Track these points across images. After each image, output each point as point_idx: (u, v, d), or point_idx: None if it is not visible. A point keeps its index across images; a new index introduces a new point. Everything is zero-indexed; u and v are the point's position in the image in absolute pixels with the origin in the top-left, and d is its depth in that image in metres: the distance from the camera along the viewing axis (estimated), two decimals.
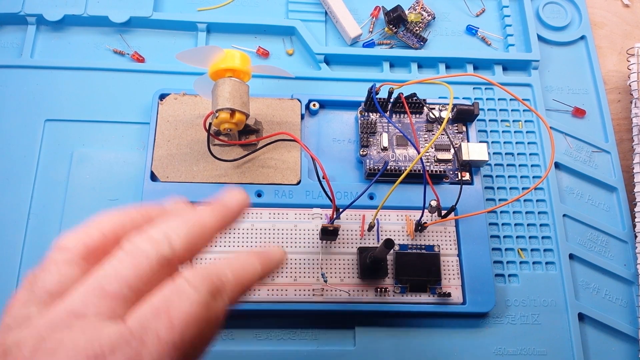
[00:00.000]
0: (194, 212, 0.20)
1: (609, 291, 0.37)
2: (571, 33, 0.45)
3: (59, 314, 0.17)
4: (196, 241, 0.19)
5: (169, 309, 0.17)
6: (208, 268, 0.19)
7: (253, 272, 0.20)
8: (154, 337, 0.16)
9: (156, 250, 0.18)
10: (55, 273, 0.18)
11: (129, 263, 0.18)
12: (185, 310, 0.17)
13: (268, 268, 0.21)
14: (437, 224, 0.35)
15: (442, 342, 0.34)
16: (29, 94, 0.39)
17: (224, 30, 0.43)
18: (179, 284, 0.18)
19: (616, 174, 0.40)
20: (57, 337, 0.16)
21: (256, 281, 0.20)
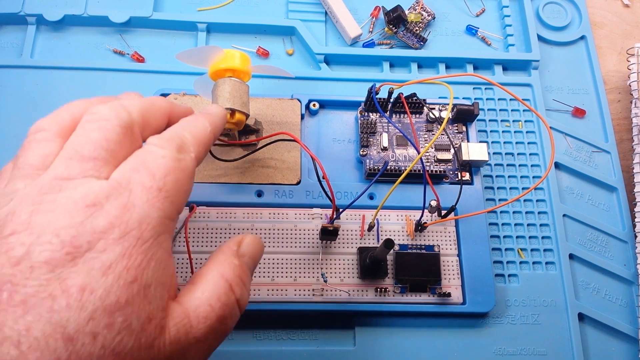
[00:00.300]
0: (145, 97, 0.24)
1: (609, 291, 0.37)
2: (571, 33, 0.45)
3: (46, 181, 0.19)
4: (148, 114, 0.22)
5: (145, 163, 0.20)
6: (168, 132, 0.22)
7: (204, 129, 0.23)
8: (139, 186, 0.19)
9: (116, 114, 0.20)
10: (37, 149, 0.20)
11: (96, 127, 0.20)
12: (160, 162, 0.20)
13: (214, 124, 0.24)
14: (437, 224, 0.35)
15: (442, 342, 0.34)
16: (29, 94, 0.39)
17: (224, 30, 0.43)
18: (148, 147, 0.20)
19: (616, 174, 0.40)
20: (51, 198, 0.18)
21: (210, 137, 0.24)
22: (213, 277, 0.21)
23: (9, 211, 0.18)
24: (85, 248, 0.17)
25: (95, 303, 0.17)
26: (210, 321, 0.20)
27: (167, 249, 0.20)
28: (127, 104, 0.21)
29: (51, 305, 0.16)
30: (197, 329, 0.20)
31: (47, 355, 0.16)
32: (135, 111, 0.21)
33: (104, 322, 0.17)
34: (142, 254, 0.18)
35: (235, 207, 0.35)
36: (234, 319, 0.22)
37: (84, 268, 0.17)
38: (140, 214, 0.18)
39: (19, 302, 0.16)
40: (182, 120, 0.23)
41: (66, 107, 0.22)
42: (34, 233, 0.17)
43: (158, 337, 0.18)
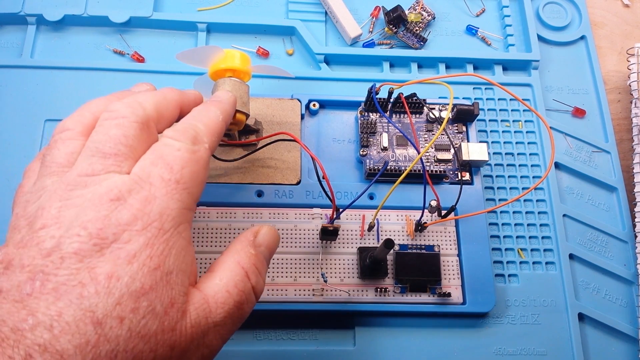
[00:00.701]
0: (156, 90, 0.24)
1: (609, 291, 0.37)
2: (571, 33, 0.45)
3: (72, 178, 0.20)
4: (162, 108, 0.23)
5: (163, 157, 0.21)
6: (181, 124, 0.23)
7: (216, 117, 0.24)
8: (158, 179, 0.20)
9: (132, 111, 0.21)
10: (62, 148, 0.21)
11: (114, 124, 0.21)
12: (176, 155, 0.21)
13: (225, 111, 0.25)
14: (437, 224, 0.35)
15: (442, 342, 0.34)
16: (29, 94, 0.39)
17: (224, 30, 0.43)
18: (165, 140, 0.21)
19: (616, 174, 0.40)
20: (78, 193, 0.19)
21: (222, 126, 0.24)
22: (230, 265, 0.23)
23: (39, 206, 0.19)
24: (111, 239, 0.18)
25: (121, 289, 0.18)
26: (228, 306, 0.21)
27: (187, 238, 0.21)
28: (141, 99, 0.22)
29: (81, 292, 0.17)
30: (215, 314, 0.21)
31: (78, 338, 0.17)
32: (150, 106, 0.22)
33: (130, 307, 0.18)
34: (164, 243, 0.19)
35: (235, 207, 0.35)
36: (250, 305, 0.23)
37: (111, 257, 0.18)
38: (160, 205, 0.20)
39: (50, 290, 0.17)
40: (195, 110, 0.24)
41: (87, 106, 0.23)
42: (63, 226, 0.18)
43: (180, 320, 0.19)
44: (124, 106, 0.21)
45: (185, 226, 0.21)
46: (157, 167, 0.20)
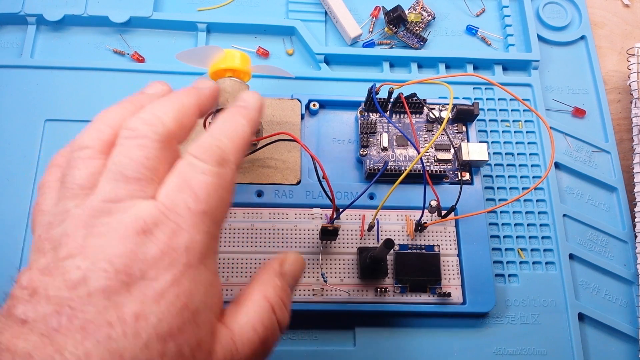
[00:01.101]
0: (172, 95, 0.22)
1: (609, 291, 0.37)
2: (571, 33, 0.45)
3: (96, 203, 0.19)
4: (182, 117, 0.21)
5: (188, 182, 0.19)
6: (207, 140, 0.21)
7: (243, 131, 0.22)
8: (185, 209, 0.19)
9: (152, 130, 0.20)
10: (83, 168, 0.20)
11: (135, 145, 0.20)
12: (202, 181, 0.20)
13: (252, 120, 0.23)
14: (437, 224, 0.35)
15: (442, 342, 0.34)
16: (29, 94, 0.39)
17: (224, 30, 0.43)
18: (189, 160, 0.20)
19: (616, 174, 0.40)
20: (103, 221, 0.18)
21: (248, 138, 0.23)
22: (256, 300, 0.22)
23: (63, 232, 0.18)
24: (138, 276, 0.18)
25: (149, 331, 0.17)
26: (254, 344, 0.21)
27: (213, 270, 0.20)
28: (160, 113, 0.21)
29: (109, 332, 0.17)
30: (241, 353, 0.20)
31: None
32: (170, 120, 0.21)
33: (158, 350, 0.17)
34: (190, 280, 0.19)
35: (235, 207, 0.35)
36: (276, 340, 0.22)
37: (138, 296, 0.17)
38: (186, 238, 0.19)
39: (78, 328, 0.16)
40: (220, 121, 0.22)
41: (103, 118, 0.21)
42: (89, 258, 0.18)
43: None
44: (143, 124, 0.20)
45: (211, 258, 0.20)
46: (183, 194, 0.19)
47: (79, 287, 0.17)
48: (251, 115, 0.23)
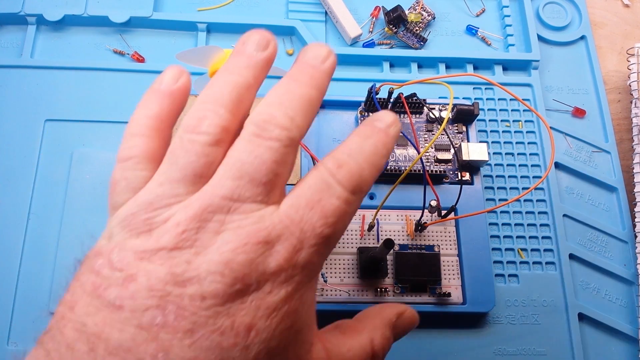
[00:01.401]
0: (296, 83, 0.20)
1: (609, 291, 0.37)
2: (571, 33, 0.45)
3: (213, 197, 0.17)
4: (310, 117, 0.20)
5: (321, 203, 0.18)
6: (351, 165, 0.19)
7: (381, 163, 0.20)
8: (311, 229, 0.18)
9: (286, 134, 0.18)
10: (201, 155, 0.18)
11: (265, 147, 0.18)
12: (335, 205, 0.18)
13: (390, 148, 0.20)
14: (437, 224, 0.35)
15: (442, 342, 0.34)
16: (29, 94, 0.39)
17: (224, 30, 0.43)
18: (327, 179, 0.18)
19: (616, 174, 0.40)
20: (219, 218, 0.17)
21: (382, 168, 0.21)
22: (362, 340, 0.22)
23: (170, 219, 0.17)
24: (254, 287, 0.17)
25: (259, 346, 0.16)
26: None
27: (315, 290, 0.19)
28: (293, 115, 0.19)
29: (220, 341, 0.16)
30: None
31: None
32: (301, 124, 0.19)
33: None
34: (299, 299, 0.18)
35: None
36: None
37: (252, 307, 0.16)
38: (305, 259, 0.18)
39: (186, 329, 0.15)
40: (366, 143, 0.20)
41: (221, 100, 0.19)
42: (202, 256, 0.16)
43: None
44: (276, 127, 0.18)
45: (317, 279, 0.19)
46: (311, 212, 0.18)
47: (189, 286, 0.16)
48: (391, 147, 0.20)
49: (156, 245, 0.16)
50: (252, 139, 0.18)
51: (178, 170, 0.18)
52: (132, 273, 0.16)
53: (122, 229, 0.17)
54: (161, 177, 0.18)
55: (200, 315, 0.16)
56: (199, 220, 0.17)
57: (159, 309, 0.15)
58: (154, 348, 0.15)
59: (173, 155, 0.18)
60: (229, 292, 0.16)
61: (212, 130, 0.18)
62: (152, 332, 0.15)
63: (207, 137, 0.18)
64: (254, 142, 0.18)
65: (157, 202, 0.17)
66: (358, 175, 0.19)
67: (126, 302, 0.16)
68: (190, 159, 0.18)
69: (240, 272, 0.16)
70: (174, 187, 0.18)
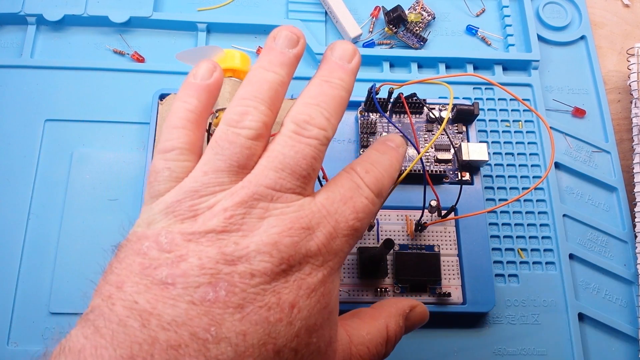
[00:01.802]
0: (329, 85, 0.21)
1: (609, 291, 0.37)
2: (571, 33, 0.45)
3: (258, 186, 0.19)
4: (341, 117, 0.22)
5: (352, 200, 0.20)
6: (375, 172, 0.22)
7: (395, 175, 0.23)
8: (345, 220, 0.20)
9: (323, 135, 0.20)
10: (245, 148, 0.19)
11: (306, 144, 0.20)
12: (364, 203, 0.21)
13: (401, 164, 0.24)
14: (437, 224, 0.35)
15: (442, 342, 0.34)
16: (29, 94, 0.39)
17: (224, 30, 0.43)
18: (357, 181, 0.21)
19: (616, 174, 0.40)
20: (264, 205, 0.18)
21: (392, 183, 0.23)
22: (379, 326, 0.23)
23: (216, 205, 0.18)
24: (296, 268, 0.18)
25: (301, 322, 0.18)
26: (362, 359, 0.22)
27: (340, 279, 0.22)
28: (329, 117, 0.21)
29: (267, 316, 0.17)
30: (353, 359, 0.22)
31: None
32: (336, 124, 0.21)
33: (305, 341, 0.18)
34: (332, 283, 0.20)
35: None
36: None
37: (294, 286, 0.18)
38: (338, 246, 0.20)
39: (236, 305, 0.17)
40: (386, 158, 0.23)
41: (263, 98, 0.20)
42: (249, 238, 0.18)
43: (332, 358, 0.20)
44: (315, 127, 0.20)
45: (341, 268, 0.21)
46: (345, 206, 0.20)
47: (239, 264, 0.17)
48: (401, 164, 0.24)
49: (204, 228, 0.18)
50: (293, 135, 0.20)
51: (223, 160, 0.19)
52: (182, 254, 0.17)
53: (166, 215, 0.18)
54: (205, 167, 0.19)
55: (250, 292, 0.17)
56: (246, 206, 0.18)
57: (211, 285, 0.16)
58: (206, 322, 0.16)
59: (218, 146, 0.19)
60: (276, 270, 0.17)
61: (254, 125, 0.20)
62: (205, 307, 0.16)
63: (250, 131, 0.19)
64: (295, 138, 0.20)
65: (203, 190, 0.19)
66: (381, 182, 0.22)
67: (178, 279, 0.16)
68: (235, 151, 0.19)
69: (286, 252, 0.18)
70: (219, 176, 0.19)
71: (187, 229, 0.18)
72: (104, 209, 0.36)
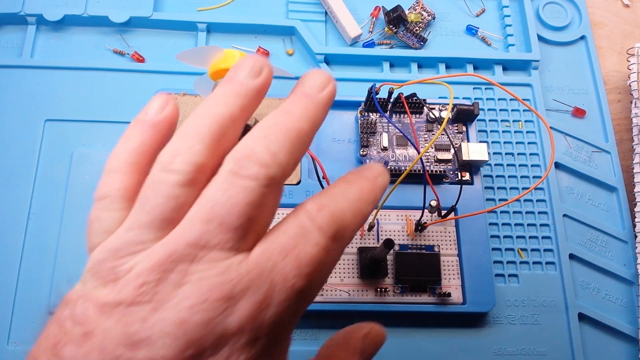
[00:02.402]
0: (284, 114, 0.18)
1: (609, 291, 0.37)
2: (571, 33, 0.45)
3: (178, 244, 0.16)
4: (298, 153, 0.17)
5: (295, 251, 0.16)
6: (332, 208, 0.17)
7: (367, 211, 0.18)
8: (282, 279, 0.16)
9: (265, 173, 0.16)
10: (170, 198, 0.16)
11: (241, 187, 0.16)
12: (312, 253, 0.16)
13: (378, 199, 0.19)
14: (437, 224, 0.35)
15: (442, 342, 0.34)
16: (29, 94, 0.39)
17: (224, 30, 0.43)
18: (305, 224, 0.17)
19: (616, 174, 0.40)
20: (182, 269, 0.15)
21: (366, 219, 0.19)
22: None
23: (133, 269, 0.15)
24: (209, 353, 0.15)
25: None
26: None
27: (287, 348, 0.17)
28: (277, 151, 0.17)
29: None
30: None
31: None
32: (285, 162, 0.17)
33: None
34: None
35: None
36: None
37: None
38: (273, 317, 0.16)
39: None
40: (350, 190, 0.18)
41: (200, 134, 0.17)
42: (158, 314, 0.15)
43: None
44: (255, 164, 0.16)
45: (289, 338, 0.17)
46: (284, 260, 0.16)
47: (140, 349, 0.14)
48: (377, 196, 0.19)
49: (116, 298, 0.15)
50: (228, 177, 0.16)
51: (146, 213, 0.16)
52: (90, 330, 0.15)
53: (92, 276, 0.16)
54: (130, 221, 0.16)
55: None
56: (160, 270, 0.15)
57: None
58: None
59: (143, 196, 0.17)
60: (181, 357, 0.14)
61: (184, 168, 0.16)
62: None
63: (179, 176, 0.16)
64: (229, 180, 0.16)
65: (124, 249, 0.16)
66: (340, 220, 0.17)
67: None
68: (159, 201, 0.16)
69: (194, 334, 0.15)
70: (142, 233, 0.16)
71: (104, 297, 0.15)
72: None
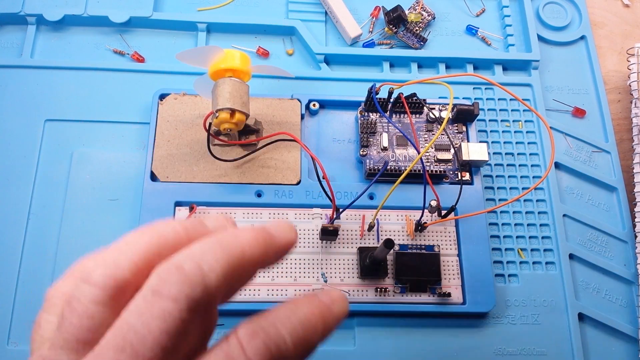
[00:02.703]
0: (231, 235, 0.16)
1: (609, 291, 0.37)
2: (571, 33, 0.45)
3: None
4: (234, 275, 0.15)
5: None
6: (268, 336, 0.15)
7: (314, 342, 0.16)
8: None
9: (188, 295, 0.14)
10: (85, 316, 0.15)
11: (157, 313, 0.14)
12: None
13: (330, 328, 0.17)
14: (437, 224, 0.35)
15: (442, 342, 0.34)
16: (29, 94, 0.39)
17: (224, 30, 0.43)
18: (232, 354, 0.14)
19: (616, 174, 0.40)
20: None
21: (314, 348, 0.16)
22: None
23: None
24: None
25: None
26: None
27: None
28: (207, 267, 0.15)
29: None
30: None
31: None
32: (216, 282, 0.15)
33: None
34: None
35: (235, 207, 0.35)
36: None
37: None
38: None
39: None
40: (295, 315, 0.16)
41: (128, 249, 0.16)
42: None
43: None
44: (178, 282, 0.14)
45: None
46: None
47: None
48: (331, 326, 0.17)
49: None
50: (147, 296, 0.14)
51: (61, 333, 0.15)
52: None
53: None
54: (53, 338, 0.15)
55: None
56: None
57: None
58: None
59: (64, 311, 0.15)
60: None
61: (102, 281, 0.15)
62: None
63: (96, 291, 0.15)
64: (148, 301, 0.14)
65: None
66: (276, 351, 0.15)
67: None
68: (72, 321, 0.15)
69: None
70: (58, 354, 0.15)
71: None
72: (104, 209, 0.36)
